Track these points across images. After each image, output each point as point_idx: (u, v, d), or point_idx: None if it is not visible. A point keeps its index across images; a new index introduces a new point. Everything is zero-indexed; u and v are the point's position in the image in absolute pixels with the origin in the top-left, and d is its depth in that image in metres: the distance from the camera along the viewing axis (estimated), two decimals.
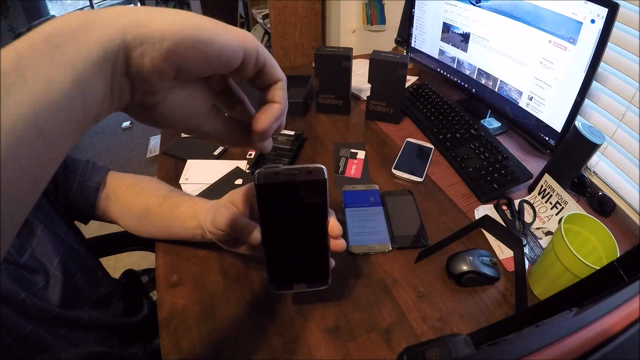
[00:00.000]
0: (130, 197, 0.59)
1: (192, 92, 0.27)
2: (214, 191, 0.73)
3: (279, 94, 0.29)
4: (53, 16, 3.90)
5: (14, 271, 0.44)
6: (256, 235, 0.42)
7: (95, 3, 4.46)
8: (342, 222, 0.65)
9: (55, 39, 0.20)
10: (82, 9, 4.39)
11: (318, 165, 0.38)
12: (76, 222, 0.61)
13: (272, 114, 0.29)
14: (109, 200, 0.60)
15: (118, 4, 4.70)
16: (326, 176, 0.38)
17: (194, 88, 0.27)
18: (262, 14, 2.71)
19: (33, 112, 0.18)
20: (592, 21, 0.61)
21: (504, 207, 0.69)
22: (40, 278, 0.47)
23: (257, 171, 0.38)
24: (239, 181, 0.75)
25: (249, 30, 3.09)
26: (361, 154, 0.83)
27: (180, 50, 0.22)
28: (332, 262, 0.45)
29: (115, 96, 0.23)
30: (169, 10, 0.23)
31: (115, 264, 1.50)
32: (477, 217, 0.67)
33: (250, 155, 0.83)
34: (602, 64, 0.65)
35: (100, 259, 0.65)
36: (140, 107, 0.25)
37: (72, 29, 0.20)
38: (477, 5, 0.83)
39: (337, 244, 0.42)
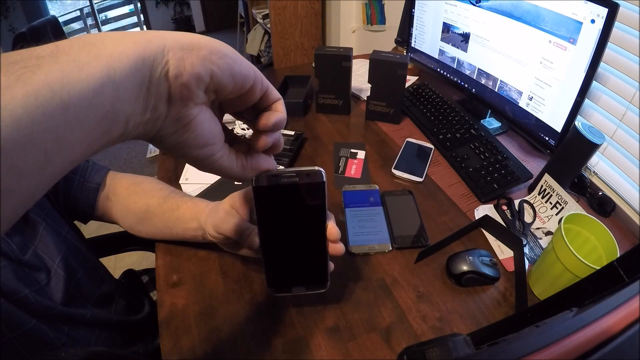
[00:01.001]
0: (131, 198, 0.59)
1: (213, 115, 0.28)
2: (214, 191, 0.73)
3: (280, 105, 0.31)
4: (53, 16, 3.90)
5: (17, 268, 0.44)
6: (255, 239, 0.42)
7: (95, 3, 4.46)
8: (342, 222, 0.65)
9: (95, 39, 0.21)
10: (81, 9, 4.39)
11: (317, 168, 0.38)
12: (76, 222, 0.62)
13: (275, 114, 0.31)
14: (109, 201, 0.61)
15: (118, 3, 4.71)
16: (325, 179, 0.38)
17: (214, 111, 0.29)
18: (262, 14, 2.71)
19: (60, 84, 0.18)
20: (592, 21, 0.61)
21: (504, 207, 0.69)
22: (42, 276, 0.47)
23: (256, 177, 0.37)
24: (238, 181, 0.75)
25: (248, 30, 3.09)
26: (361, 154, 0.83)
27: (214, 59, 0.24)
28: (331, 266, 0.45)
29: (150, 101, 0.23)
30: (196, 34, 0.25)
31: (115, 264, 1.51)
32: (477, 217, 0.67)
33: None
34: (602, 64, 0.65)
35: (101, 259, 0.65)
36: (174, 124, 0.25)
37: (111, 36, 0.21)
38: (477, 5, 0.83)
39: (336, 247, 0.42)
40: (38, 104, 0.17)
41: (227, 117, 0.33)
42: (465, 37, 0.89)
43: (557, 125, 0.72)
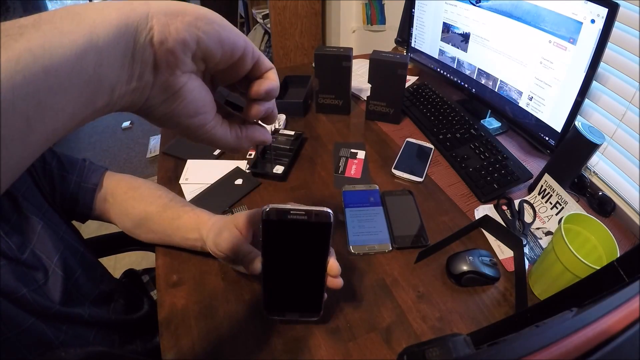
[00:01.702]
0: (129, 203, 0.59)
1: (203, 84, 0.28)
2: (214, 191, 0.73)
3: (272, 74, 0.30)
4: None
5: (15, 268, 0.44)
6: (257, 265, 0.43)
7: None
8: (342, 222, 0.65)
9: (78, 9, 0.20)
10: None
11: (326, 209, 0.39)
12: (76, 222, 0.61)
13: (267, 82, 0.30)
14: (107, 203, 0.60)
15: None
16: (332, 220, 0.39)
17: (205, 81, 0.28)
18: (262, 14, 2.71)
19: (41, 49, 0.18)
20: (592, 21, 0.61)
21: (504, 207, 0.69)
22: (40, 275, 0.47)
23: (266, 207, 0.39)
24: (238, 181, 0.75)
25: (248, 30, 3.09)
26: (361, 154, 0.83)
27: (200, 24, 0.24)
28: (325, 296, 0.46)
29: (136, 69, 0.23)
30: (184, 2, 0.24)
31: (115, 264, 1.51)
32: (477, 217, 0.67)
33: (250, 155, 0.83)
34: (602, 64, 0.65)
35: (100, 259, 0.65)
36: (162, 92, 0.25)
37: (94, 5, 0.21)
38: (477, 5, 0.83)
39: (335, 282, 0.44)
40: (18, 69, 0.17)
41: None
42: (465, 37, 0.89)
43: (557, 125, 0.72)
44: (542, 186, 0.70)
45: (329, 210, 0.39)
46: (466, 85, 0.95)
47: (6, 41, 0.18)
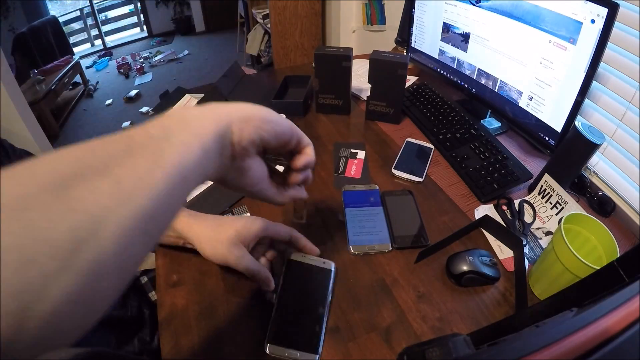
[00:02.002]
0: None
1: (262, 162, 0.38)
2: (214, 191, 0.73)
3: (309, 149, 0.40)
4: (53, 16, 3.90)
5: None
6: (270, 282, 0.51)
7: (95, 3, 4.46)
8: (342, 222, 0.65)
9: (186, 118, 0.29)
10: (81, 9, 4.39)
11: (330, 262, 0.55)
12: None
13: (305, 157, 0.40)
14: None
15: (118, 3, 4.71)
16: (333, 269, 0.54)
17: (262, 160, 0.38)
18: (262, 14, 2.71)
19: (180, 165, 0.26)
20: (592, 21, 0.61)
21: (504, 207, 0.69)
22: None
23: (292, 254, 0.55)
24: None
25: (248, 30, 3.09)
26: (361, 154, 0.83)
27: (263, 126, 0.34)
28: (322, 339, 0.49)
29: (223, 160, 0.32)
30: (249, 103, 0.34)
31: None
32: (477, 217, 0.67)
33: None
34: (602, 64, 0.65)
35: None
36: (236, 172, 0.35)
37: (195, 114, 0.30)
38: (477, 5, 0.83)
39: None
40: (170, 182, 0.25)
41: None
42: (465, 37, 0.89)
43: (557, 125, 0.72)
44: (542, 186, 0.70)
45: (332, 263, 0.55)
46: (466, 85, 0.95)
47: (156, 159, 0.25)
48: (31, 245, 0.18)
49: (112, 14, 4.72)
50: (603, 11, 0.59)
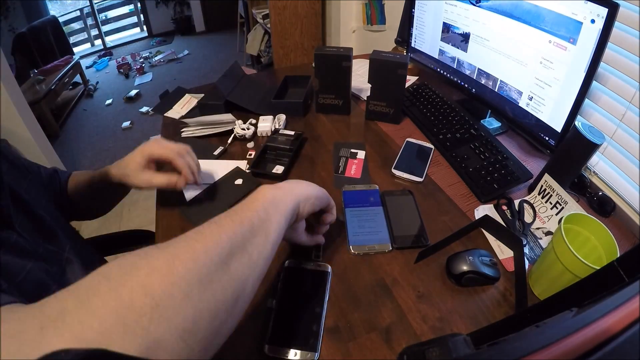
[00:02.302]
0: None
1: (304, 222, 0.55)
2: (214, 191, 0.73)
3: (333, 209, 0.56)
4: (53, 16, 3.90)
5: (41, 265, 0.46)
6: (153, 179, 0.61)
7: (95, 3, 4.46)
8: (342, 222, 0.65)
9: (276, 200, 0.43)
10: (81, 9, 4.39)
11: (326, 264, 0.58)
12: (75, 224, 0.62)
13: (331, 217, 0.56)
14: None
15: (118, 3, 4.71)
16: (329, 271, 0.57)
17: (304, 220, 0.55)
18: (262, 14, 2.71)
19: (275, 239, 0.40)
20: (592, 21, 0.61)
21: (504, 207, 0.69)
22: (56, 268, 0.50)
23: (288, 261, 0.58)
24: (239, 181, 0.75)
25: (248, 30, 3.09)
26: (361, 154, 0.83)
27: (315, 202, 0.50)
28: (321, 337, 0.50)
29: (291, 224, 0.47)
30: (307, 183, 0.51)
31: None
32: (477, 217, 0.67)
33: (250, 155, 0.83)
34: (602, 64, 0.65)
35: None
36: (291, 229, 0.52)
37: (281, 197, 0.44)
38: (477, 5, 0.83)
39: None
40: (273, 248, 0.40)
41: (229, 116, 0.38)
42: (465, 37, 0.89)
43: (557, 125, 0.72)
44: (542, 186, 0.70)
45: (328, 265, 0.58)
46: (466, 85, 0.95)
47: (266, 236, 0.39)
48: (215, 306, 0.30)
49: (112, 14, 4.73)
50: (603, 11, 0.59)
